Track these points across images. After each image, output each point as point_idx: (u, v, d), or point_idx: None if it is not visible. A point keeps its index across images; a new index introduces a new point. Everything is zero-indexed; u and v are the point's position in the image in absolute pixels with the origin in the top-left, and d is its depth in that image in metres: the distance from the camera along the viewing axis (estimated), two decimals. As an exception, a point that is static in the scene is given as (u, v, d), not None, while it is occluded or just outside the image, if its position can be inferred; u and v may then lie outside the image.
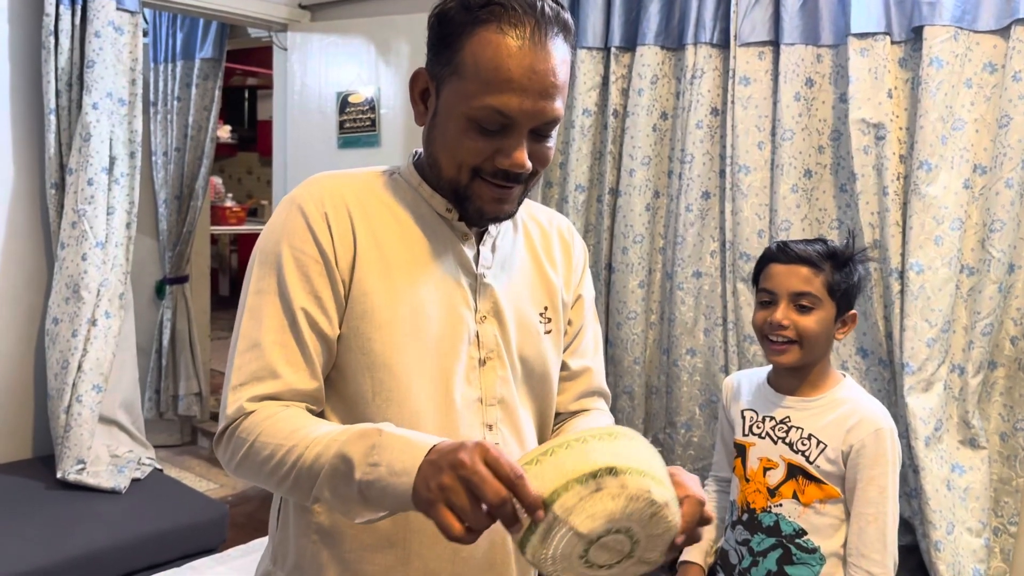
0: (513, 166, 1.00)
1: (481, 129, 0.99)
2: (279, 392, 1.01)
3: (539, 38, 0.97)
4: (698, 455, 2.62)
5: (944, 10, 2.09)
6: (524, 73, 0.96)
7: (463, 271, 1.09)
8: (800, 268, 1.52)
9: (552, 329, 1.16)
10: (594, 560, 0.82)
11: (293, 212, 1.03)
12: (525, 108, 0.97)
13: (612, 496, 0.77)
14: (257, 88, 7.54)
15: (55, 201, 2.77)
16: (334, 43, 3.37)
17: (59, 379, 2.73)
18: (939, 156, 2.12)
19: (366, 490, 0.88)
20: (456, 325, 1.07)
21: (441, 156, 1.03)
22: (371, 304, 1.03)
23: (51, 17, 2.66)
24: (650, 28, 2.56)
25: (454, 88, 1.00)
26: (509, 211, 1.07)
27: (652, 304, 2.70)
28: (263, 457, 0.96)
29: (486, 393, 1.08)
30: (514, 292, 1.13)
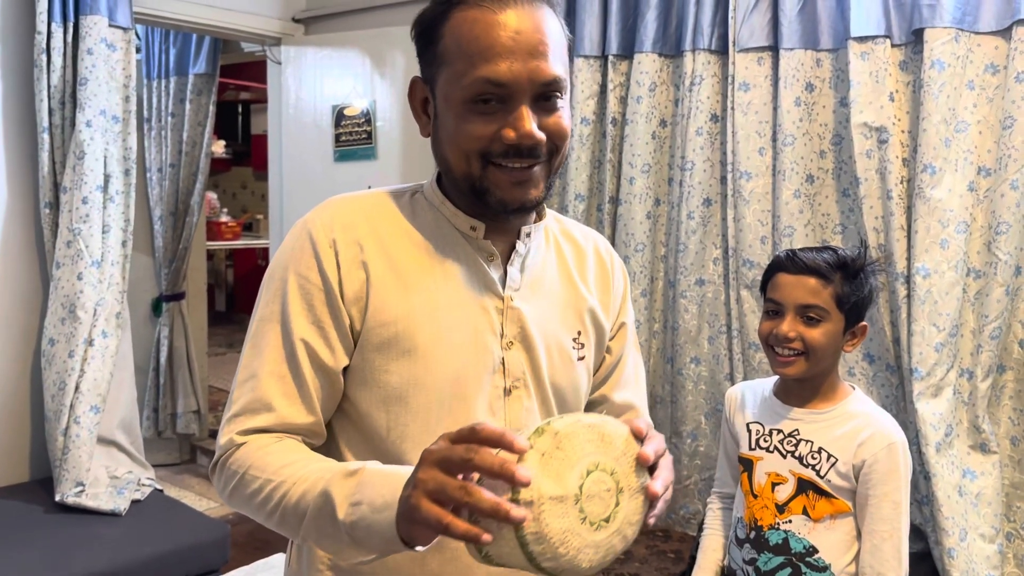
0: (522, 138, 0.93)
1: (479, 109, 0.94)
2: (272, 425, 0.98)
3: (516, 2, 0.94)
4: (704, 464, 2.59)
5: (944, 12, 2.08)
6: (507, 35, 0.92)
7: (489, 294, 1.02)
8: (808, 279, 1.48)
9: (586, 355, 1.10)
10: (597, 516, 0.78)
11: (302, 238, 1.00)
12: (516, 70, 0.92)
13: (554, 447, 0.76)
14: (251, 102, 7.52)
15: (49, 220, 2.74)
16: (328, 56, 3.36)
17: (56, 401, 2.69)
18: (943, 159, 2.10)
19: (351, 531, 0.85)
20: (480, 353, 1.01)
21: (449, 153, 0.98)
22: (388, 335, 0.98)
23: (43, 35, 2.63)
24: (647, 35, 2.54)
25: (444, 78, 0.96)
26: (535, 196, 0.98)
27: (655, 313, 2.68)
28: (252, 491, 0.94)
29: (510, 425, 1.02)
30: (545, 315, 1.06)
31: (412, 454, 0.98)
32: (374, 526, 0.82)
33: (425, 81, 1.00)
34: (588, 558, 0.77)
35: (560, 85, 0.95)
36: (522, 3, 0.94)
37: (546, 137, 0.95)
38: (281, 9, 3.47)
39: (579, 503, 0.76)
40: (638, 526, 0.81)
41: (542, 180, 0.98)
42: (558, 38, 0.97)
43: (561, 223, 1.15)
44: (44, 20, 2.63)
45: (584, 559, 0.77)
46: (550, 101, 0.96)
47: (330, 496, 0.86)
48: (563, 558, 0.76)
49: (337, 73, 3.33)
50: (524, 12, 0.93)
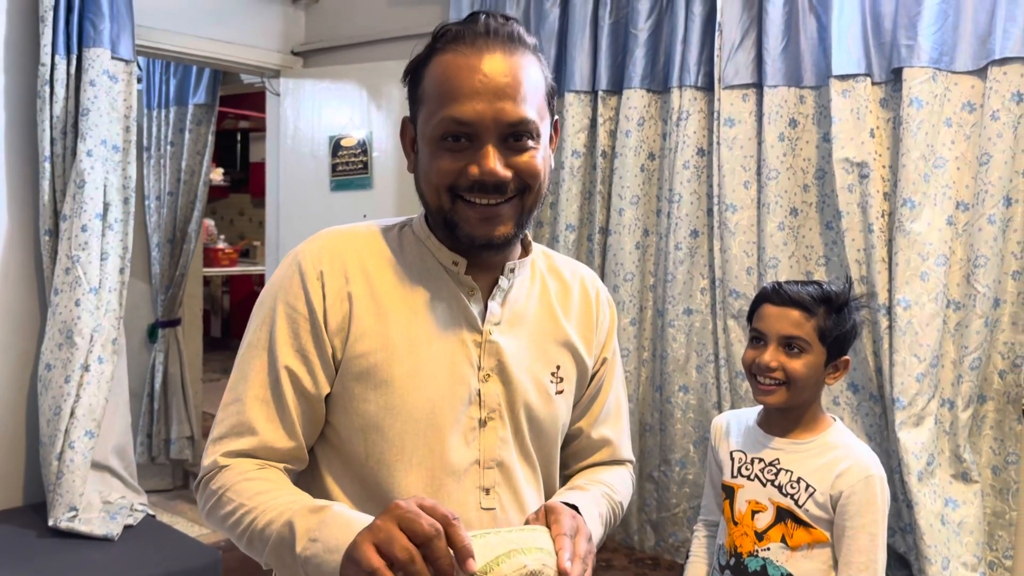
0: (484, 174, 0.97)
1: (448, 146, 0.98)
2: (254, 449, 1.01)
3: (487, 47, 0.98)
4: (693, 493, 2.62)
5: (922, 52, 2.14)
6: (476, 77, 0.96)
7: (468, 327, 1.05)
8: (792, 311, 1.52)
9: (564, 389, 1.12)
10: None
11: (292, 268, 1.04)
12: (480, 110, 0.96)
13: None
14: (249, 131, 7.61)
15: (49, 247, 2.78)
16: (326, 88, 3.42)
17: (51, 425, 2.72)
18: (922, 194, 2.16)
19: (305, 565, 0.88)
20: (456, 385, 1.04)
21: (424, 188, 1.03)
22: (366, 365, 1.02)
23: (47, 67, 2.69)
24: (636, 72, 2.61)
25: (422, 117, 1.02)
26: (503, 233, 1.01)
27: (644, 341, 2.72)
28: (226, 512, 0.99)
29: (484, 455, 1.05)
30: (524, 349, 1.08)
31: (389, 480, 1.02)
32: (323, 565, 0.87)
33: (412, 121, 1.06)
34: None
35: (529, 127, 0.99)
36: (498, 48, 0.98)
37: (514, 175, 0.99)
38: (281, 42, 3.55)
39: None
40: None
41: (511, 218, 1.01)
42: (534, 82, 1.00)
43: (550, 259, 1.18)
44: (48, 52, 2.69)
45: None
46: (520, 141, 0.99)
47: (293, 528, 0.91)
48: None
49: (334, 105, 3.40)
50: (498, 57, 0.98)
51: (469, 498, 1.04)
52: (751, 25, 2.43)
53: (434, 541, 0.80)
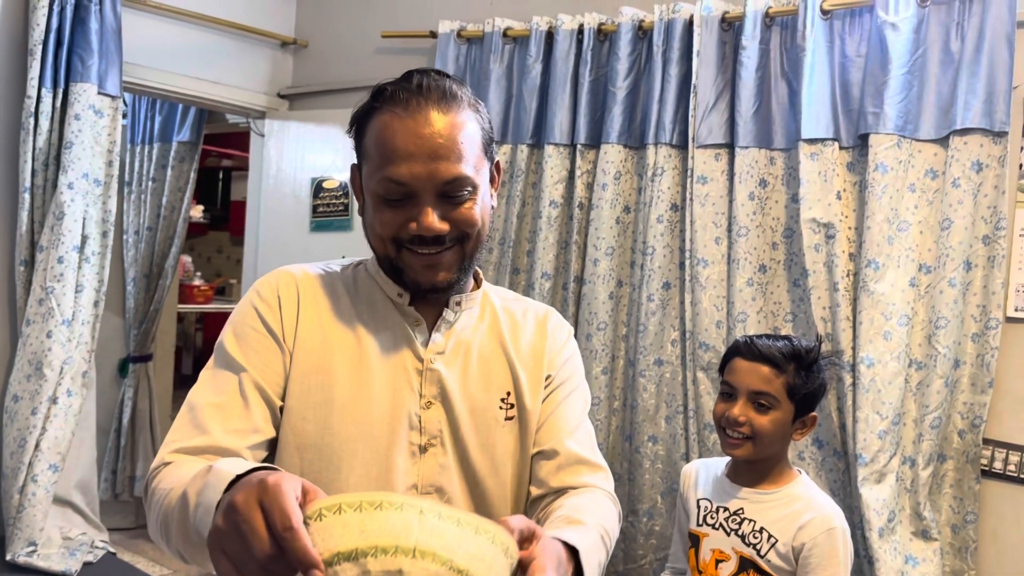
0: (423, 230, 1.03)
1: (387, 202, 1.04)
2: (204, 446, 1.01)
3: (421, 107, 1.02)
4: (660, 544, 2.62)
5: (888, 120, 2.23)
6: (409, 139, 1.01)
7: (410, 355, 1.10)
8: (762, 367, 1.55)
9: (515, 416, 1.14)
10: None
11: (251, 296, 1.12)
12: (416, 172, 1.01)
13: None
14: (232, 169, 7.64)
15: (23, 278, 2.78)
16: (311, 131, 3.48)
17: (15, 458, 2.69)
18: (886, 255, 2.23)
19: (194, 532, 0.81)
20: (396, 410, 1.08)
21: (370, 236, 1.10)
22: (308, 384, 1.07)
23: (32, 99, 2.73)
24: (613, 128, 2.68)
25: (366, 171, 1.08)
26: (445, 279, 1.07)
27: (615, 391, 2.75)
28: (154, 502, 0.93)
29: (422, 480, 1.08)
30: (469, 378, 1.12)
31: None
32: (204, 528, 0.77)
33: (358, 169, 1.12)
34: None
35: (465, 183, 1.04)
36: (432, 107, 1.03)
37: (452, 227, 1.05)
38: (267, 84, 3.61)
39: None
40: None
41: (453, 264, 1.08)
42: (469, 136, 1.05)
43: (506, 300, 1.22)
44: (35, 85, 2.73)
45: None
46: (456, 196, 1.05)
47: (186, 494, 0.84)
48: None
49: (318, 147, 3.45)
50: (431, 117, 1.03)
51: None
52: (725, 88, 2.52)
53: (288, 538, 0.66)
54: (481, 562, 0.70)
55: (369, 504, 0.68)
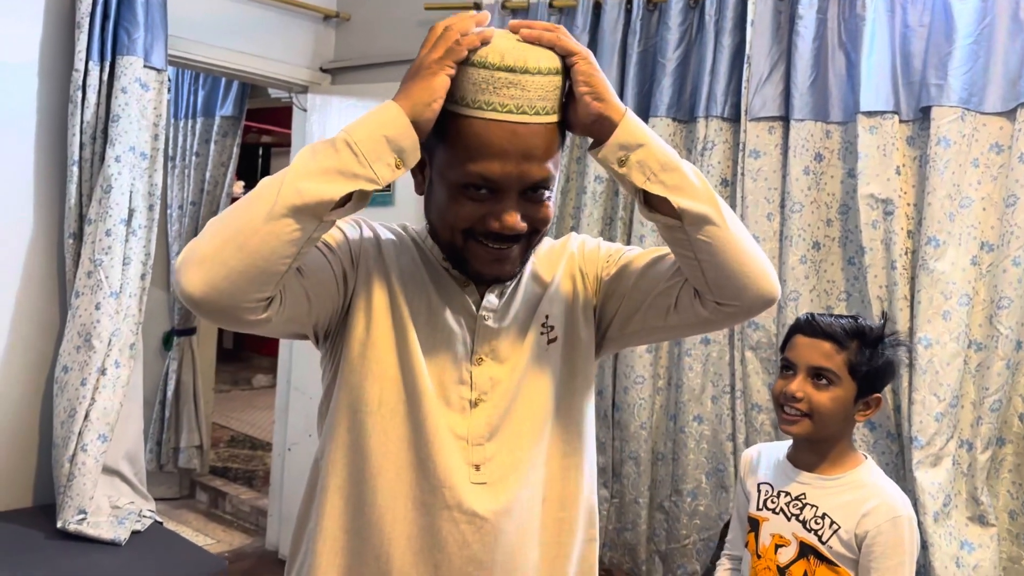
0: (504, 228, 1.02)
1: (469, 194, 1.02)
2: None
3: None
4: (704, 525, 2.59)
5: (951, 92, 2.15)
6: (505, 138, 0.99)
7: (464, 314, 1.11)
8: (823, 343, 1.51)
9: (557, 336, 1.15)
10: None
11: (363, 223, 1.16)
12: (508, 171, 1.00)
13: None
14: (272, 145, 7.67)
15: (72, 251, 2.81)
16: (352, 105, 3.45)
17: (65, 427, 2.73)
18: (947, 233, 2.16)
19: (352, 134, 0.94)
20: (448, 367, 1.09)
21: (436, 222, 1.09)
22: (359, 335, 1.08)
23: (80, 72, 2.73)
24: (662, 100, 2.63)
25: (442, 157, 1.04)
26: (509, 271, 1.09)
27: (660, 370, 2.71)
28: (236, 205, 0.95)
29: (472, 433, 1.09)
30: (516, 325, 1.14)
31: (373, 458, 1.07)
32: (369, 118, 0.96)
33: (423, 147, 1.05)
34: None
35: (549, 183, 1.04)
36: (530, 124, 1.01)
37: (528, 224, 1.04)
38: (310, 59, 3.59)
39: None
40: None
41: (519, 257, 1.09)
42: (554, 137, 1.04)
43: (543, 243, 1.22)
44: (82, 59, 2.73)
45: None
46: (536, 193, 1.04)
47: (321, 142, 0.96)
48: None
49: (359, 121, 3.42)
50: (528, 127, 1.00)
51: (457, 472, 1.07)
52: (780, 58, 2.45)
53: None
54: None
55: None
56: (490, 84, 0.99)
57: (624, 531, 2.74)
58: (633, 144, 1.02)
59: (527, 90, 0.99)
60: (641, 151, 1.02)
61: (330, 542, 1.09)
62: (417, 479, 1.07)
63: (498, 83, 0.99)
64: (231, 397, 6.38)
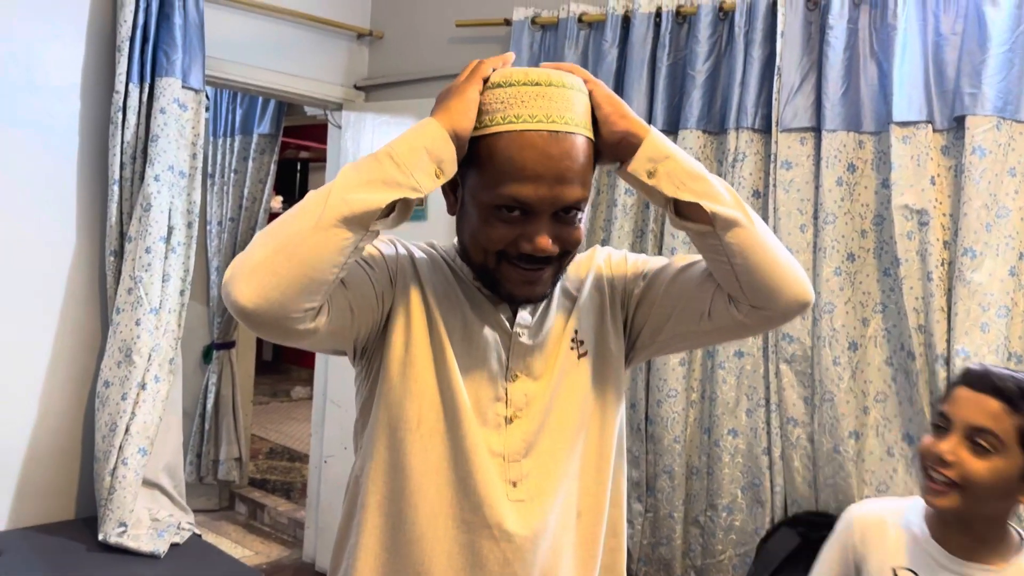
0: (536, 251, 1.03)
1: (502, 216, 1.03)
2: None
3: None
4: (740, 540, 2.57)
5: (986, 100, 2.12)
6: (538, 160, 1.00)
7: (498, 330, 1.12)
8: (990, 400, 1.24)
9: (587, 351, 1.16)
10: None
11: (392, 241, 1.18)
12: (541, 195, 1.00)
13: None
14: (309, 160, 7.78)
15: (113, 268, 2.87)
16: (386, 122, 3.50)
17: (107, 441, 2.79)
18: (983, 243, 2.12)
19: (393, 147, 1.00)
20: (484, 385, 1.10)
21: (469, 243, 1.09)
22: (400, 355, 1.09)
23: (120, 94, 2.81)
24: (692, 113, 2.62)
25: (475, 178, 1.05)
26: (540, 292, 1.09)
27: (693, 383, 2.70)
28: (283, 218, 0.98)
29: (509, 450, 1.09)
30: (549, 340, 1.14)
31: (413, 476, 1.08)
32: (411, 133, 1.02)
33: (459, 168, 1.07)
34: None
35: (581, 204, 1.04)
36: (560, 134, 1.01)
37: (560, 246, 1.05)
38: (344, 77, 3.64)
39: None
40: None
41: (550, 279, 1.09)
42: (587, 153, 1.04)
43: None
44: (123, 81, 2.81)
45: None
46: (569, 215, 1.04)
47: (360, 159, 1.02)
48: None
49: (393, 138, 3.46)
50: (559, 143, 1.01)
51: (495, 490, 1.08)
52: (811, 69, 2.43)
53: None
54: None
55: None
56: (517, 98, 1.02)
57: (659, 546, 2.72)
58: (660, 156, 1.05)
59: (554, 100, 1.02)
60: (668, 162, 1.05)
61: (371, 559, 1.11)
62: (457, 498, 1.08)
63: (525, 96, 1.02)
64: (270, 409, 6.45)
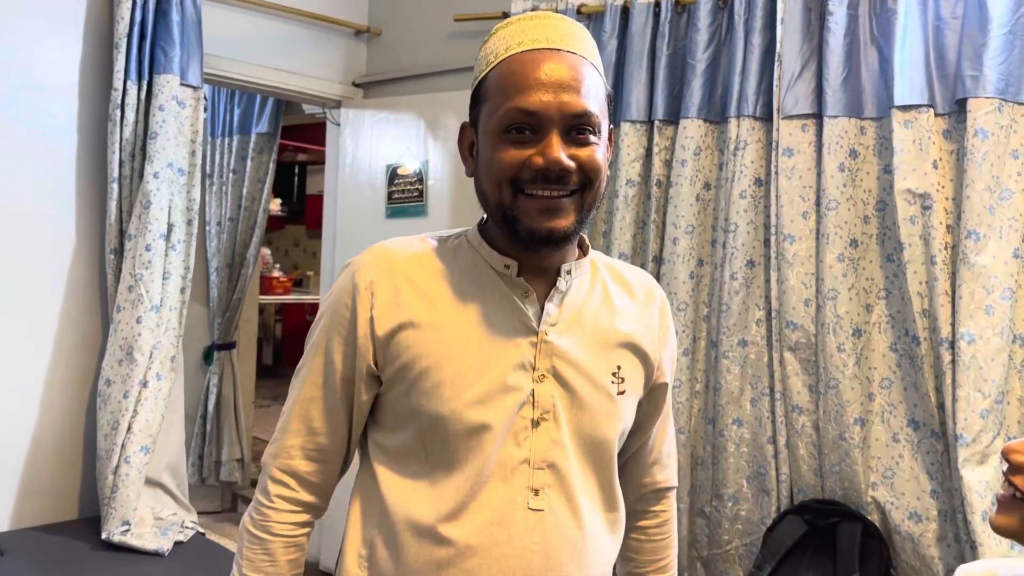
0: (549, 163, 0.99)
1: (512, 138, 1.00)
2: (303, 444, 1.10)
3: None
4: (746, 529, 2.56)
5: (988, 83, 2.11)
6: (540, 71, 1.00)
7: (523, 329, 1.07)
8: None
9: (626, 390, 1.12)
10: None
11: (347, 278, 1.10)
12: (546, 101, 0.99)
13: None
14: (307, 163, 7.78)
15: (113, 265, 2.86)
16: (385, 119, 3.49)
17: (109, 440, 2.78)
18: (987, 226, 2.12)
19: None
20: (509, 385, 1.05)
21: (485, 184, 1.05)
22: (419, 370, 1.04)
23: (119, 92, 2.80)
24: (693, 102, 2.62)
25: (484, 113, 1.04)
26: (564, 227, 1.02)
27: (697, 373, 2.69)
28: (238, 555, 1.14)
29: (535, 456, 1.05)
30: (583, 350, 1.09)
31: (444, 480, 1.05)
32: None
33: (472, 124, 1.08)
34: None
35: (591, 120, 1.01)
36: (562, 52, 1.03)
37: (577, 168, 1.01)
38: (342, 74, 3.64)
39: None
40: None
41: (572, 211, 1.03)
42: (594, 83, 1.03)
43: (612, 264, 1.20)
44: (120, 78, 2.80)
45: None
46: (582, 135, 1.01)
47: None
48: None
49: (393, 134, 3.46)
50: (561, 56, 1.02)
51: (516, 498, 1.04)
52: (811, 56, 2.43)
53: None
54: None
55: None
56: (518, 29, 1.05)
57: (664, 537, 2.71)
58: None
59: (556, 28, 1.05)
60: None
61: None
62: (480, 506, 1.04)
63: (526, 26, 1.05)
64: (271, 412, 6.43)
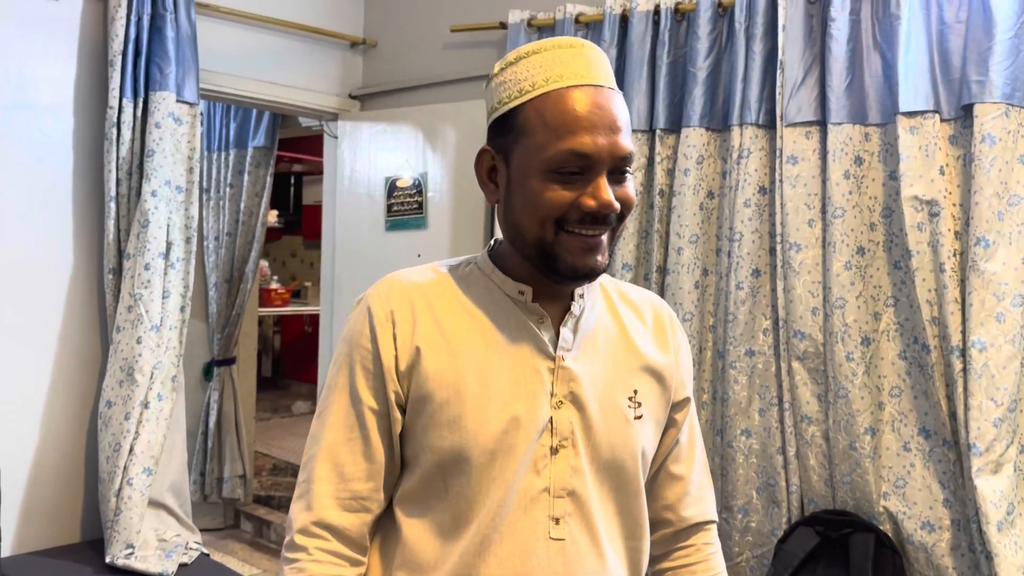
0: (602, 207, 0.98)
1: (561, 178, 0.99)
2: (336, 492, 1.04)
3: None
4: (757, 541, 2.53)
5: (994, 88, 2.09)
6: (591, 110, 0.98)
7: (540, 355, 1.05)
8: None
9: (643, 414, 1.10)
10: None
11: (363, 313, 1.07)
12: (599, 144, 0.98)
13: None
14: (303, 174, 7.75)
15: (112, 285, 2.83)
16: (382, 131, 3.47)
17: (111, 462, 2.74)
18: (996, 232, 2.10)
19: None
20: (529, 413, 1.03)
21: (523, 218, 1.02)
22: (439, 400, 1.02)
23: (114, 110, 2.77)
24: (695, 110, 2.59)
25: (524, 147, 1.01)
26: (601, 263, 1.02)
27: (704, 383, 2.67)
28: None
29: (555, 484, 1.03)
30: (599, 375, 1.07)
31: (467, 512, 1.03)
32: None
33: (497, 150, 1.04)
34: None
35: (632, 160, 1.01)
36: (603, 88, 1.01)
37: (620, 204, 1.01)
38: (339, 86, 3.62)
39: None
40: None
41: (608, 247, 1.03)
42: (627, 119, 1.03)
43: (618, 285, 1.19)
44: (116, 96, 2.77)
45: None
46: (623, 174, 1.02)
47: None
48: None
49: (390, 146, 3.44)
50: (604, 94, 1.01)
51: (537, 527, 1.03)
52: (814, 62, 2.41)
53: None
54: None
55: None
56: (556, 60, 1.01)
57: (674, 550, 2.68)
58: None
59: (592, 61, 1.02)
60: None
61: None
62: (502, 538, 1.02)
63: (564, 57, 1.01)
64: (271, 425, 6.40)
